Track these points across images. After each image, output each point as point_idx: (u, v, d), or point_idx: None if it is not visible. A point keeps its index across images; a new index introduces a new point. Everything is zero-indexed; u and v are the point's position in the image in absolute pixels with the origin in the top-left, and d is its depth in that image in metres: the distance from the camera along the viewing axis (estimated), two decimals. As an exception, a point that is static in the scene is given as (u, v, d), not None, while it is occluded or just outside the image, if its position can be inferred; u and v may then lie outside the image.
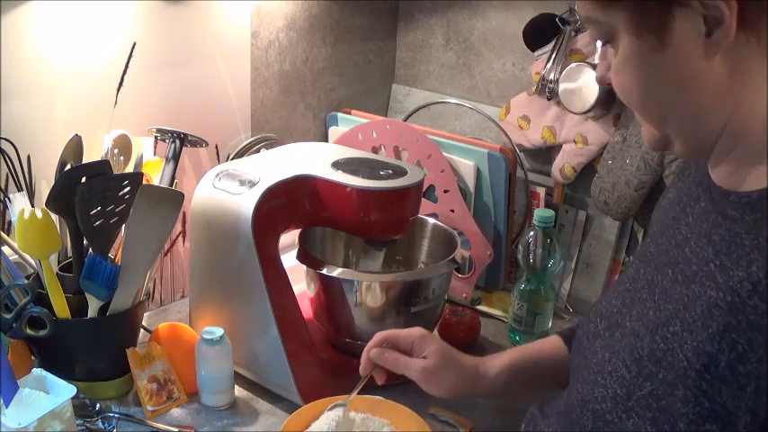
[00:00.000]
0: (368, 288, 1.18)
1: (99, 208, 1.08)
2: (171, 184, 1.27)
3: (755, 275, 0.59)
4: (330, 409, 1.02)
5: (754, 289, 0.59)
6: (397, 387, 1.20)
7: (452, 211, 1.44)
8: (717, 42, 0.63)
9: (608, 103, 1.41)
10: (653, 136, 0.73)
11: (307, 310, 1.25)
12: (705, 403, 0.61)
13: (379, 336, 1.02)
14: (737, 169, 0.68)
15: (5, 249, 1.11)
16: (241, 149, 1.50)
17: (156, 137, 1.32)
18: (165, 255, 1.42)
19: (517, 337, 1.35)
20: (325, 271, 1.17)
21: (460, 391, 0.98)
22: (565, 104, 1.45)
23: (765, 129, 0.66)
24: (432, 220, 1.36)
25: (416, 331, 1.02)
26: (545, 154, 1.60)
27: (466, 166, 1.46)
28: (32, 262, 1.14)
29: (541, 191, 1.56)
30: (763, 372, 0.58)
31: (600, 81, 0.73)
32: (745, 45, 0.64)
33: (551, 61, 1.48)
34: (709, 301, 0.62)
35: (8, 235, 1.14)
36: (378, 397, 1.05)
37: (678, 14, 0.63)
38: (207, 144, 1.36)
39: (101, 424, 1.06)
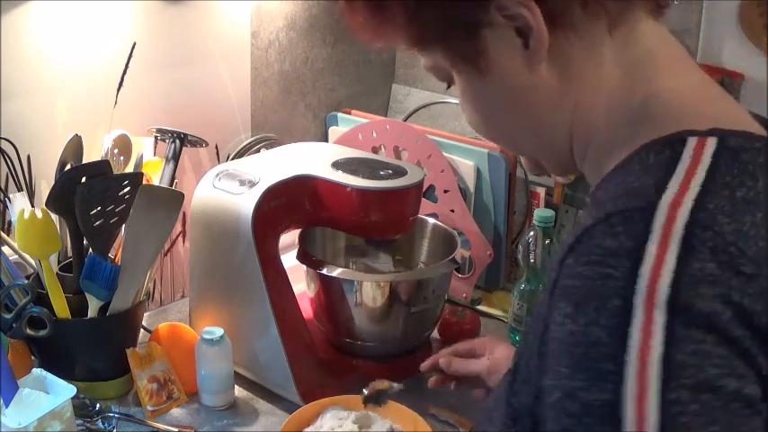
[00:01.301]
0: (368, 288, 1.18)
1: (99, 208, 1.08)
2: (171, 184, 1.26)
3: (552, 280, 0.55)
4: (331, 410, 1.02)
5: (547, 308, 0.55)
6: (397, 387, 1.20)
7: (452, 211, 1.44)
8: (535, 50, 0.59)
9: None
10: (525, 161, 0.71)
11: (307, 310, 1.25)
12: (512, 401, 0.61)
13: (457, 345, 1.09)
14: (595, 167, 0.64)
15: (5, 249, 1.11)
16: (241, 149, 1.50)
17: (156, 137, 1.32)
18: (165, 255, 1.42)
19: (517, 337, 1.35)
20: (325, 271, 1.17)
21: None
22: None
23: (608, 120, 0.62)
24: (432, 220, 1.36)
25: (487, 338, 1.13)
26: (545, 154, 1.60)
27: (466, 166, 1.46)
28: (32, 262, 1.14)
29: (541, 191, 1.56)
30: (534, 373, 0.56)
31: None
32: (566, 44, 0.60)
33: (551, 61, 1.47)
34: (534, 311, 0.63)
35: (8, 235, 1.14)
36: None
37: (488, 36, 0.59)
38: (207, 144, 1.36)
39: (101, 424, 1.06)
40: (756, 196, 0.52)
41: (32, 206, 1.13)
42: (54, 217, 1.08)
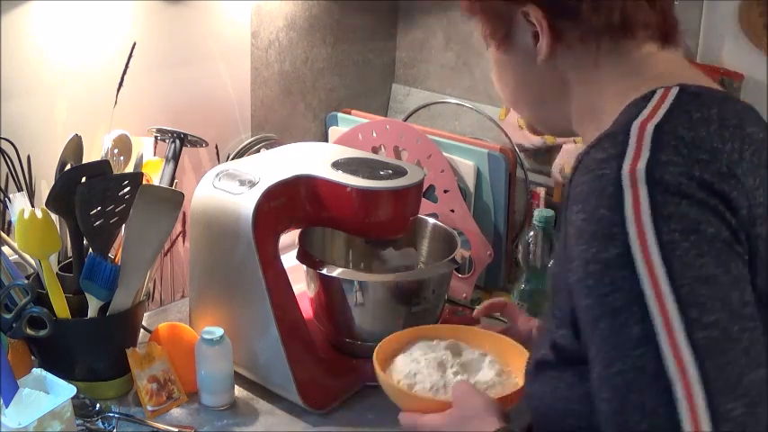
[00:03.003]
0: (368, 288, 1.18)
1: (99, 208, 1.08)
2: (171, 184, 1.27)
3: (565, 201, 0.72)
4: (421, 340, 1.05)
5: (564, 219, 0.71)
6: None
7: (452, 211, 1.44)
8: (539, 52, 0.79)
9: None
10: (525, 123, 0.93)
11: (307, 310, 1.25)
12: (556, 313, 0.74)
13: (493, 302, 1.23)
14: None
15: (5, 249, 1.11)
16: (241, 149, 1.50)
17: (156, 137, 1.32)
18: (165, 255, 1.42)
19: (517, 337, 1.35)
20: (325, 271, 1.17)
21: None
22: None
23: (609, 107, 0.77)
24: (432, 220, 1.36)
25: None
26: (545, 154, 1.60)
27: (466, 166, 1.46)
28: (32, 262, 1.14)
29: (541, 191, 1.56)
30: (564, 277, 0.70)
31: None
32: (565, 57, 0.79)
33: (551, 61, 1.48)
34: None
35: (8, 235, 1.14)
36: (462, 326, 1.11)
37: (514, 26, 0.80)
38: (207, 144, 1.36)
39: (101, 424, 1.06)
40: (710, 117, 0.70)
41: (32, 206, 1.13)
42: (54, 217, 1.08)
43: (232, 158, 1.48)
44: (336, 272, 1.17)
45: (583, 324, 0.67)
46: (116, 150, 1.24)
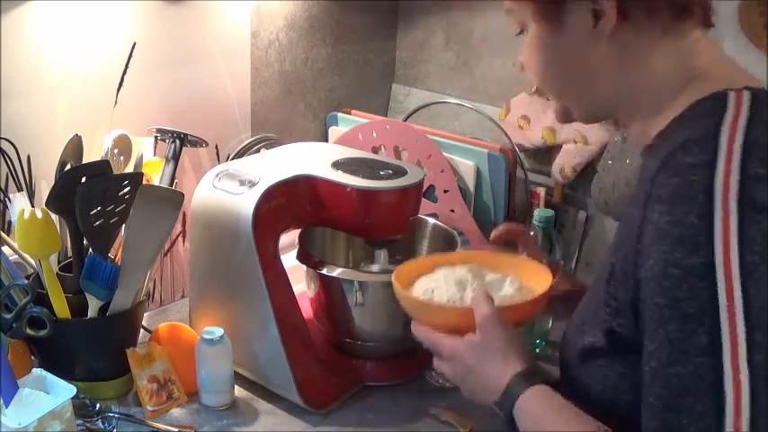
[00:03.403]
0: (368, 288, 1.18)
1: (99, 208, 1.08)
2: (171, 184, 1.27)
3: (643, 197, 0.73)
4: (443, 265, 1.01)
5: (642, 215, 0.72)
6: (399, 386, 1.20)
7: (452, 211, 1.44)
8: (600, 31, 0.77)
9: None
10: (556, 107, 0.88)
11: (307, 310, 1.25)
12: (612, 303, 0.76)
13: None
14: (643, 130, 0.82)
15: (5, 249, 1.11)
16: (241, 149, 1.50)
17: (156, 137, 1.32)
18: (165, 255, 1.42)
19: (517, 337, 1.35)
20: (325, 271, 1.17)
21: None
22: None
23: (660, 92, 0.79)
24: (432, 220, 1.36)
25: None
26: (545, 154, 1.60)
27: (466, 166, 1.46)
28: (32, 262, 1.14)
29: (541, 191, 1.56)
30: (630, 269, 0.73)
31: (519, 66, 0.87)
32: (627, 35, 0.78)
33: (551, 61, 1.48)
34: (621, 230, 0.79)
35: (8, 235, 1.14)
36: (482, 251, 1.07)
37: (570, 7, 0.78)
38: (207, 144, 1.36)
39: (101, 424, 1.06)
40: None
41: (32, 206, 1.13)
42: (54, 217, 1.08)
43: (232, 158, 1.48)
44: (336, 272, 1.17)
45: (648, 319, 0.70)
46: (116, 150, 1.24)
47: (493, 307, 0.87)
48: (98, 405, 1.07)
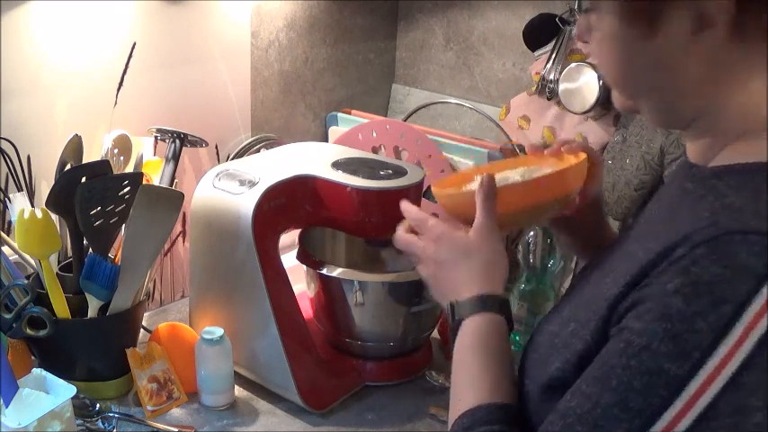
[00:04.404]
0: (368, 288, 1.18)
1: (99, 208, 1.08)
2: (171, 184, 1.27)
3: (671, 242, 0.62)
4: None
5: (662, 255, 0.62)
6: (399, 386, 1.20)
7: (452, 211, 1.44)
8: (702, 41, 0.65)
9: (608, 102, 1.41)
10: (624, 103, 0.75)
11: (307, 310, 1.25)
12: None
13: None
14: (709, 149, 0.70)
15: (5, 249, 1.11)
16: (241, 149, 1.50)
17: (156, 137, 1.32)
18: (165, 255, 1.42)
19: (517, 337, 1.35)
20: (325, 271, 1.17)
21: None
22: (565, 104, 1.45)
23: (739, 121, 0.68)
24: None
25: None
26: (545, 154, 1.60)
27: (466, 166, 1.46)
28: (32, 262, 1.14)
29: (541, 191, 1.56)
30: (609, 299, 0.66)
31: (578, 37, 0.75)
32: (731, 52, 0.65)
33: (551, 61, 1.48)
34: (636, 258, 0.66)
35: (8, 235, 1.14)
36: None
37: (669, 9, 0.65)
38: (207, 144, 1.36)
39: (101, 424, 1.06)
40: None
41: (32, 206, 1.13)
42: (54, 217, 1.08)
43: (232, 158, 1.48)
44: (336, 272, 1.17)
45: (593, 366, 0.65)
46: (116, 150, 1.24)
47: (490, 215, 0.83)
48: (98, 405, 1.07)
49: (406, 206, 0.91)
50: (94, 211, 1.07)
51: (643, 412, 0.59)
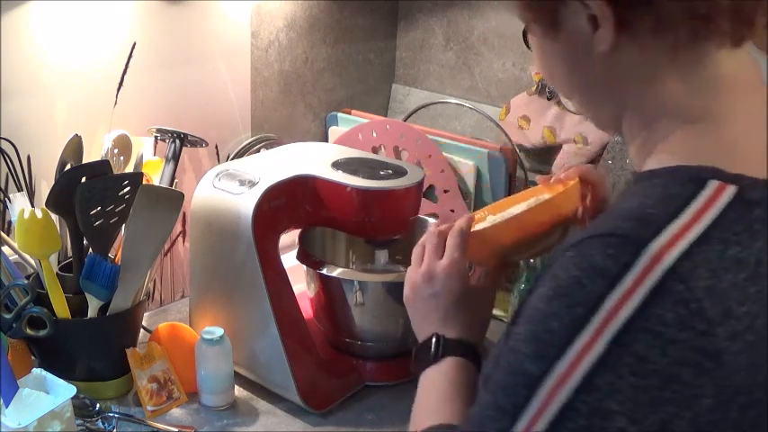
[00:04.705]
0: (368, 288, 1.18)
1: (99, 208, 1.08)
2: (171, 184, 1.27)
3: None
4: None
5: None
6: (399, 386, 1.20)
7: (452, 211, 1.44)
8: (599, 42, 0.65)
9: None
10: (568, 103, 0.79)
11: (307, 310, 1.25)
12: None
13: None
14: (639, 152, 0.71)
15: (5, 249, 1.11)
16: (241, 149, 1.50)
17: (156, 137, 1.32)
18: (165, 255, 1.42)
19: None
20: (325, 271, 1.17)
21: None
22: (565, 104, 1.45)
23: (655, 121, 0.67)
24: (432, 220, 1.36)
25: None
26: (545, 154, 1.60)
27: (466, 166, 1.46)
28: (32, 262, 1.14)
29: (541, 191, 1.56)
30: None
31: (525, 39, 0.78)
32: (627, 51, 0.65)
33: (551, 61, 1.48)
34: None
35: (8, 235, 1.14)
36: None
37: (564, 9, 0.66)
38: (207, 144, 1.36)
39: (101, 424, 1.06)
40: (747, 257, 0.57)
41: (32, 206, 1.13)
42: (54, 217, 1.08)
43: (232, 158, 1.48)
44: (336, 272, 1.17)
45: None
46: (116, 150, 1.24)
47: (458, 256, 0.90)
48: (98, 405, 1.07)
49: (432, 230, 0.96)
50: (94, 211, 1.07)
51: (509, 411, 0.60)
